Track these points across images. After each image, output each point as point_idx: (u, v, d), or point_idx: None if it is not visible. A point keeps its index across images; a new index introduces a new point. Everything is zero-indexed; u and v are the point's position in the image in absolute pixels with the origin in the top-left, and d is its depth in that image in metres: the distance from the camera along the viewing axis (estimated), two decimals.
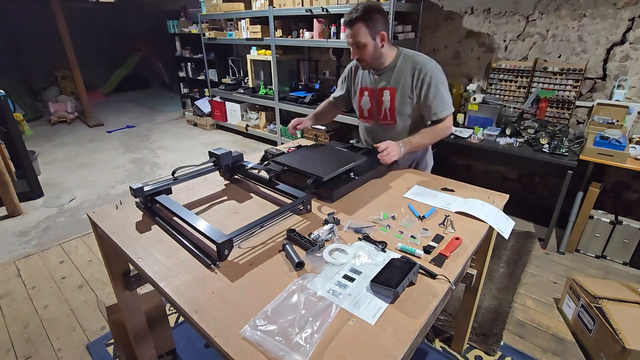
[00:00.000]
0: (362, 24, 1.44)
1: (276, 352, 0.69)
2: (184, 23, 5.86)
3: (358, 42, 1.48)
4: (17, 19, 7.14)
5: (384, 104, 1.64)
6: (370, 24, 1.46)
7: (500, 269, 2.29)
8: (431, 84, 1.52)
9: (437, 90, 1.52)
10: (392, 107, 1.63)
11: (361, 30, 1.45)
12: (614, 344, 1.52)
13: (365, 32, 1.46)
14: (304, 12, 3.54)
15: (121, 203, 1.31)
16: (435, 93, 1.52)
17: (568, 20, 2.58)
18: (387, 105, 1.63)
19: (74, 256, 2.51)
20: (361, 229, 1.11)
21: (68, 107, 6.24)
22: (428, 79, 1.52)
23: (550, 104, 2.75)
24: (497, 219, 1.19)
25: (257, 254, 1.01)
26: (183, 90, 6.64)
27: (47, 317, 1.97)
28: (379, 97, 1.65)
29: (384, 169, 1.56)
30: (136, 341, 1.48)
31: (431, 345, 1.75)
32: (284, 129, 4.49)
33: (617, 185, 2.67)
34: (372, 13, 1.45)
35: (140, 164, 4.24)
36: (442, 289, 0.87)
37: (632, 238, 2.26)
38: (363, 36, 1.46)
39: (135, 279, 1.34)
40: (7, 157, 3.32)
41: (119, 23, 8.58)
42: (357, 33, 1.46)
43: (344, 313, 0.80)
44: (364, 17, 1.44)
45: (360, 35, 1.46)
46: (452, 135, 2.68)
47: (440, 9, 3.16)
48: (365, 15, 1.43)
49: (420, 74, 1.53)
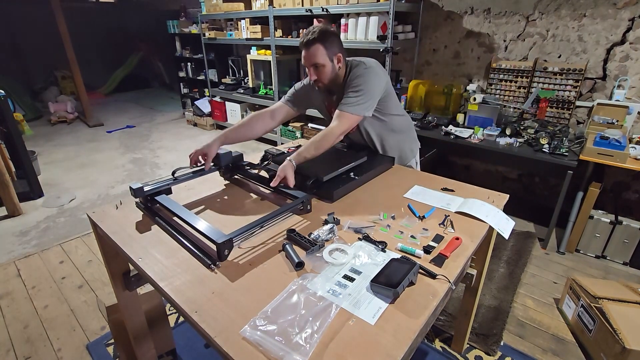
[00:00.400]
0: (320, 45, 1.46)
1: (276, 352, 0.69)
2: (184, 23, 5.86)
3: (316, 63, 1.48)
4: (17, 19, 7.14)
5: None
6: (327, 45, 1.47)
7: (500, 269, 2.29)
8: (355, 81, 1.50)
9: (356, 86, 1.50)
10: None
11: (319, 51, 1.47)
12: (614, 344, 1.52)
13: (323, 52, 1.47)
14: (304, 12, 3.54)
15: (121, 203, 1.31)
16: (351, 90, 1.50)
17: (568, 21, 2.58)
18: None
19: (74, 256, 2.51)
20: (361, 229, 1.11)
21: (68, 107, 6.24)
22: (356, 76, 1.51)
23: (550, 104, 2.75)
24: (497, 219, 1.19)
25: (257, 254, 1.01)
26: (183, 90, 6.64)
27: (47, 317, 1.97)
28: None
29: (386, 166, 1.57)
30: (136, 341, 1.48)
31: (431, 345, 1.75)
32: (284, 129, 4.49)
33: (617, 185, 2.67)
34: (328, 35, 1.47)
35: (140, 164, 4.24)
36: (442, 289, 0.87)
37: (632, 238, 2.26)
38: (321, 57, 1.47)
39: (135, 279, 1.34)
40: (7, 157, 3.32)
41: (119, 23, 8.58)
42: (315, 54, 1.47)
43: (344, 313, 0.80)
44: (320, 39, 1.45)
45: (318, 57, 1.47)
46: (452, 135, 2.68)
47: (440, 9, 3.16)
48: (321, 37, 1.45)
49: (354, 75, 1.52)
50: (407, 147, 1.81)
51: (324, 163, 1.47)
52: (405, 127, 1.78)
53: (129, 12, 8.62)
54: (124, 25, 8.64)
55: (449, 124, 2.89)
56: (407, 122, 1.80)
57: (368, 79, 1.50)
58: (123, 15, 8.60)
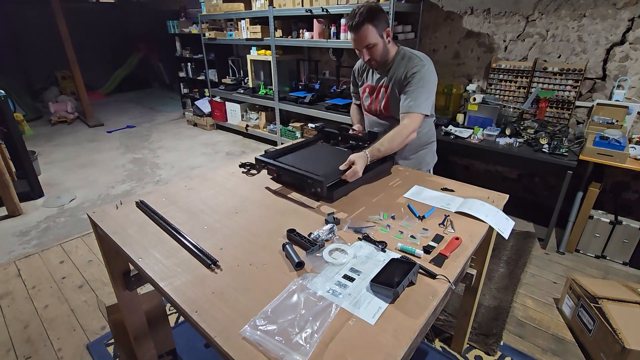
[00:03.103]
0: (369, 24, 1.45)
1: (276, 352, 0.69)
2: (184, 23, 5.86)
3: (369, 43, 1.49)
4: (17, 19, 7.15)
5: (380, 100, 1.69)
6: (377, 23, 1.47)
7: (500, 269, 2.29)
8: (415, 78, 1.51)
9: (417, 86, 1.51)
10: (386, 103, 1.67)
11: (369, 31, 1.46)
12: (613, 344, 1.52)
13: (374, 31, 1.47)
14: (304, 12, 3.54)
15: (121, 203, 1.31)
16: (415, 88, 1.51)
17: (568, 21, 2.58)
18: (382, 102, 1.68)
19: (74, 256, 2.51)
20: (361, 229, 1.11)
21: (68, 107, 6.24)
22: (413, 72, 1.52)
23: (550, 104, 2.75)
24: (497, 218, 1.19)
25: (257, 254, 1.01)
26: (183, 90, 6.65)
27: (47, 317, 1.98)
28: (377, 94, 1.70)
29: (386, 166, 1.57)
30: (136, 341, 1.48)
31: (431, 345, 1.75)
32: (284, 129, 4.49)
33: (617, 185, 2.67)
34: (376, 12, 1.46)
35: (140, 164, 4.24)
36: (442, 289, 0.87)
37: (631, 238, 2.26)
38: (373, 37, 1.48)
39: (136, 279, 1.34)
40: (8, 157, 3.32)
41: (119, 23, 8.59)
42: (367, 35, 1.47)
43: (344, 313, 0.80)
44: (369, 18, 1.44)
45: (370, 37, 1.47)
46: (452, 135, 2.68)
47: (440, 9, 3.16)
48: (370, 16, 1.45)
49: (411, 69, 1.53)
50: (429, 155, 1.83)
51: (323, 163, 1.47)
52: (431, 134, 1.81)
53: (129, 12, 8.62)
54: (124, 25, 8.65)
55: (449, 124, 2.89)
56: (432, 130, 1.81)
57: (428, 76, 1.52)
58: (123, 15, 8.60)
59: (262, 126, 4.83)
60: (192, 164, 4.16)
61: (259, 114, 4.84)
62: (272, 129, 4.65)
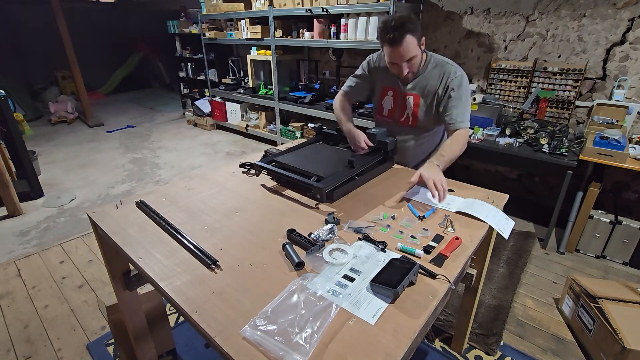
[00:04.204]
0: (410, 35, 1.36)
1: (276, 352, 0.69)
2: (184, 23, 5.86)
3: (411, 56, 1.41)
4: (17, 19, 7.14)
5: (408, 108, 1.62)
6: (416, 34, 1.39)
7: (500, 269, 2.29)
8: (455, 92, 1.48)
9: (460, 100, 1.49)
10: (415, 112, 1.61)
11: (411, 42, 1.38)
12: (613, 344, 1.52)
13: (415, 43, 1.40)
14: (304, 12, 3.54)
15: (121, 203, 1.31)
16: (458, 102, 1.49)
17: (568, 21, 2.58)
18: (410, 110, 1.62)
19: (74, 256, 2.51)
20: (361, 229, 1.11)
21: (68, 107, 6.24)
22: (454, 86, 1.48)
23: (550, 104, 2.75)
24: (497, 218, 1.19)
25: (257, 254, 1.01)
26: (183, 90, 6.64)
27: (47, 317, 1.98)
28: (403, 100, 1.63)
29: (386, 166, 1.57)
30: (136, 341, 1.48)
31: (431, 345, 1.75)
32: (284, 129, 4.49)
33: (617, 185, 2.67)
34: (414, 21, 1.38)
35: (140, 164, 4.24)
36: (442, 289, 0.87)
37: (631, 238, 2.26)
38: (414, 49, 1.40)
39: (136, 279, 1.34)
40: (8, 157, 3.32)
41: (119, 23, 8.58)
42: (409, 48, 1.38)
43: (344, 313, 0.80)
44: (409, 29, 1.36)
45: (412, 49, 1.40)
46: None
47: (440, 9, 3.16)
48: (410, 27, 1.36)
49: (447, 81, 1.49)
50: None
51: (324, 164, 1.47)
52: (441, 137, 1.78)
53: (129, 12, 8.62)
54: (124, 25, 8.64)
55: None
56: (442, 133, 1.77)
57: (466, 87, 1.49)
58: (123, 15, 8.60)
59: (262, 126, 4.83)
60: (192, 164, 4.16)
61: (259, 114, 4.84)
62: (272, 129, 4.65)
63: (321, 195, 1.24)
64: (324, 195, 1.24)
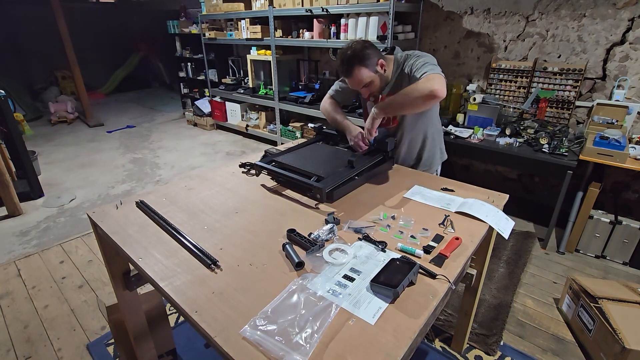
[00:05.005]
0: (360, 66, 1.44)
1: (276, 352, 0.69)
2: (184, 23, 5.86)
3: (365, 84, 1.49)
4: (17, 19, 7.15)
5: None
6: (367, 62, 1.45)
7: (500, 269, 2.29)
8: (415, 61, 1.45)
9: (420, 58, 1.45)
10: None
11: (362, 72, 1.45)
12: (613, 344, 1.52)
13: (366, 72, 1.46)
14: (304, 12, 3.54)
15: (121, 203, 1.31)
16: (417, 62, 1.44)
17: (568, 21, 2.58)
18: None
19: (74, 256, 2.51)
20: (361, 229, 1.11)
21: (68, 107, 6.24)
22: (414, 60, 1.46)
23: (550, 104, 2.75)
24: (497, 218, 1.19)
25: (257, 254, 1.01)
26: (183, 90, 6.65)
27: (47, 317, 1.98)
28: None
29: (386, 166, 1.57)
30: (136, 341, 1.48)
31: (431, 345, 1.75)
32: (284, 129, 4.49)
33: (617, 185, 2.67)
34: (363, 53, 1.43)
35: (140, 164, 4.24)
36: (442, 289, 0.87)
37: (631, 238, 2.26)
38: (366, 76, 1.47)
39: (136, 279, 1.34)
40: (8, 157, 3.32)
41: (119, 23, 8.58)
42: (361, 77, 1.46)
43: (344, 313, 0.80)
44: (358, 60, 1.43)
45: (364, 78, 1.47)
46: (452, 135, 2.68)
47: (440, 9, 3.16)
48: (358, 59, 1.43)
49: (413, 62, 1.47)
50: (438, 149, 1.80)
51: (324, 164, 1.47)
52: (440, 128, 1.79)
53: (129, 12, 8.62)
54: (124, 25, 8.64)
55: (449, 124, 2.90)
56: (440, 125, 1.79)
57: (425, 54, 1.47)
58: (123, 15, 8.60)
59: (262, 126, 4.83)
60: (192, 164, 4.16)
61: (259, 114, 4.84)
62: (272, 129, 4.65)
63: (321, 195, 1.24)
64: (324, 195, 1.24)
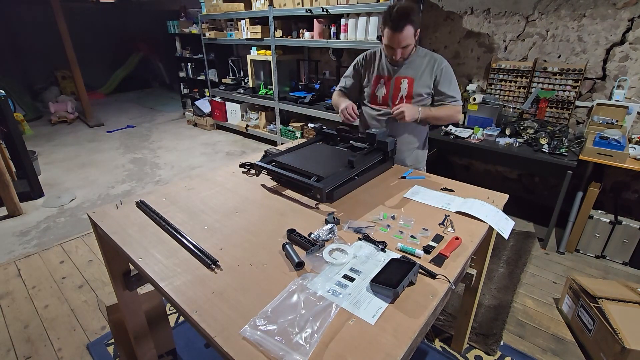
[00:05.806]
0: (411, 26, 1.52)
1: (276, 351, 0.69)
2: (184, 23, 5.86)
3: (407, 44, 1.56)
4: (17, 19, 7.14)
5: (401, 91, 1.73)
6: (416, 25, 1.55)
7: (500, 269, 2.29)
8: (447, 76, 1.68)
9: (452, 81, 1.70)
10: (410, 93, 1.72)
11: (409, 32, 1.54)
12: (613, 344, 1.52)
13: (412, 33, 1.55)
14: (304, 12, 3.54)
15: (121, 203, 1.31)
16: (450, 83, 1.69)
17: (568, 21, 2.58)
18: (405, 92, 1.72)
19: (74, 256, 2.51)
20: (361, 229, 1.11)
21: (68, 107, 6.24)
22: (444, 71, 1.68)
23: (549, 104, 2.75)
24: (497, 218, 1.19)
25: (257, 254, 1.01)
26: (183, 90, 6.65)
27: (47, 317, 1.98)
28: (396, 85, 1.73)
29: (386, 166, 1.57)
30: (136, 341, 1.48)
31: (431, 345, 1.75)
32: (284, 129, 4.49)
33: (617, 185, 2.67)
34: (415, 14, 1.53)
35: (140, 164, 4.24)
36: (442, 289, 0.88)
37: (631, 238, 2.26)
38: (410, 38, 1.56)
39: (136, 279, 1.34)
40: (8, 157, 3.32)
41: (119, 23, 8.58)
42: (407, 37, 1.54)
43: (343, 313, 0.80)
44: (411, 20, 1.51)
45: (409, 38, 1.55)
46: (452, 135, 2.68)
47: (440, 9, 3.16)
48: (412, 18, 1.51)
49: (438, 67, 1.68)
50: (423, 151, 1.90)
51: (324, 164, 1.47)
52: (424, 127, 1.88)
53: (129, 12, 8.61)
54: (124, 25, 8.64)
55: (449, 124, 2.89)
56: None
57: (452, 72, 1.70)
58: (123, 15, 8.60)
59: (262, 126, 4.83)
60: (192, 164, 4.16)
61: (259, 114, 4.84)
62: (272, 129, 4.65)
63: (321, 195, 1.24)
64: (324, 195, 1.24)
